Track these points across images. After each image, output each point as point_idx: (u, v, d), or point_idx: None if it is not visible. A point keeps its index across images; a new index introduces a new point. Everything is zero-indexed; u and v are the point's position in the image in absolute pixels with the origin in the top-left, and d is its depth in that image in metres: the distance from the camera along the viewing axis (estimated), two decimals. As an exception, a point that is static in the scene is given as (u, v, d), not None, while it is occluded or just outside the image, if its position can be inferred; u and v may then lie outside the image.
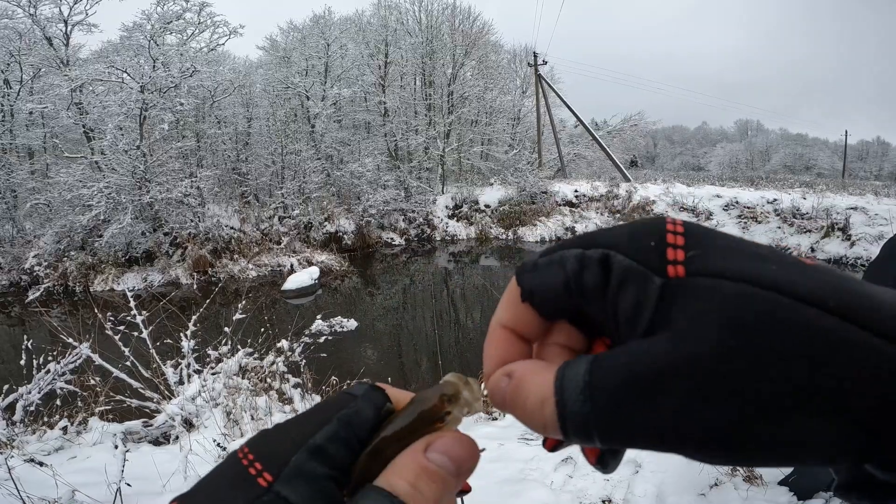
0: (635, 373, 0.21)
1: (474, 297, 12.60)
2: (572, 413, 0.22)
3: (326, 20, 20.76)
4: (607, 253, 0.23)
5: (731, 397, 0.19)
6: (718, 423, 0.19)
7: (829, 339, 0.18)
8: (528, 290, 0.26)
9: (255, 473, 0.24)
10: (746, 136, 68.21)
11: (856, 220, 15.20)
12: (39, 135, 15.61)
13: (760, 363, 0.19)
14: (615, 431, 0.21)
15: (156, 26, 14.69)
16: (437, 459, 0.25)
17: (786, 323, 0.19)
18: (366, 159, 18.41)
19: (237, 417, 3.91)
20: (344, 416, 0.27)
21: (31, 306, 10.81)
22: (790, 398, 0.18)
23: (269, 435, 0.27)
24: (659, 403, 0.20)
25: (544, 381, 0.23)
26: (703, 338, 0.20)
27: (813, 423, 0.18)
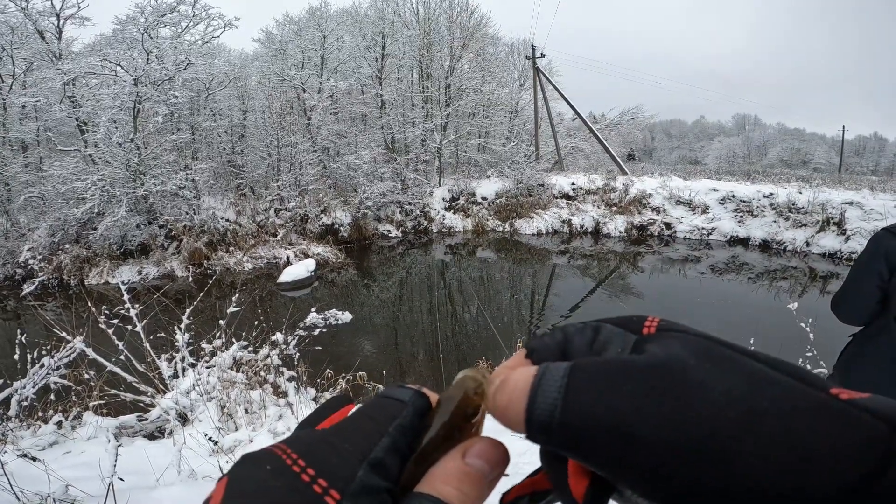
0: (608, 368, 0.25)
1: (471, 289, 12.61)
2: (544, 397, 0.25)
3: (323, 12, 20.60)
4: (599, 324, 0.30)
5: (681, 395, 0.23)
6: (671, 417, 0.23)
7: (761, 374, 0.23)
8: (531, 348, 0.31)
9: (322, 492, 0.24)
10: (744, 131, 68.15)
11: (851, 214, 15.26)
12: (32, 128, 15.47)
13: (710, 378, 0.23)
14: (580, 421, 0.24)
15: (149, 19, 14.53)
16: (475, 464, 0.27)
17: (729, 358, 0.24)
18: (362, 151, 18.33)
19: (231, 411, 3.91)
20: (399, 427, 0.28)
21: (25, 300, 10.78)
22: (724, 406, 0.22)
23: (320, 445, 0.27)
24: (626, 397, 0.23)
25: (530, 370, 0.27)
26: (668, 352, 0.25)
27: (743, 435, 0.22)
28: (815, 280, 13.13)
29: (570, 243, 17.19)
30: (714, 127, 75.93)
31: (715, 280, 13.12)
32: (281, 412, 3.95)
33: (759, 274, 13.64)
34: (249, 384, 4.25)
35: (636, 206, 18.48)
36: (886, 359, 1.84)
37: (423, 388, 0.31)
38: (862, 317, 1.99)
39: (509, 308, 11.17)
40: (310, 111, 18.14)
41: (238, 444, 3.45)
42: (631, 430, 0.23)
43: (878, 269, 1.89)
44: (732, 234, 16.74)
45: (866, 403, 0.22)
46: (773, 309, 9.90)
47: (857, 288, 1.97)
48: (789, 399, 0.22)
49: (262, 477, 0.25)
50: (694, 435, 0.22)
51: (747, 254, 15.57)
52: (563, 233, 18.30)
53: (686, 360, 0.24)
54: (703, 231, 17.19)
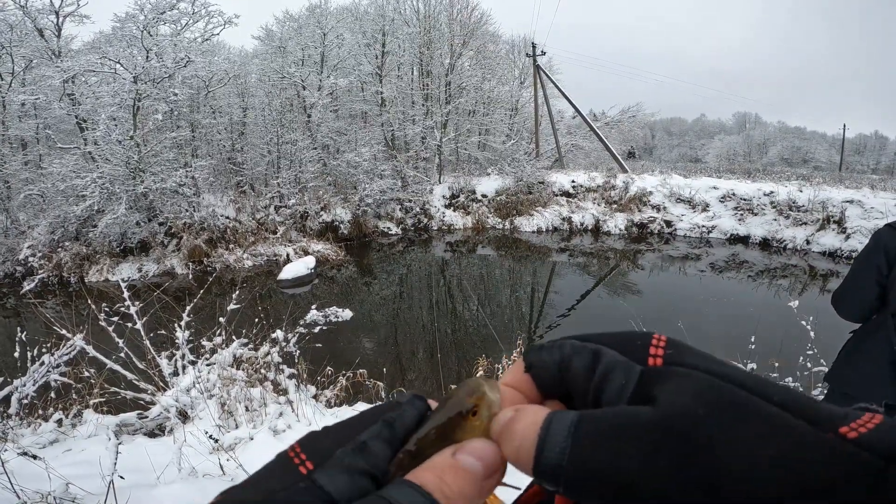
0: (618, 423, 0.24)
1: (471, 286, 12.62)
2: (551, 447, 0.25)
3: (323, 9, 20.54)
4: (599, 348, 0.29)
5: (693, 455, 0.22)
6: (680, 475, 0.22)
7: (773, 421, 0.23)
8: (529, 363, 0.31)
9: (299, 462, 0.26)
10: (744, 129, 68.05)
11: (851, 213, 15.25)
12: (32, 126, 15.45)
13: (726, 430, 0.23)
14: (587, 474, 0.24)
15: (149, 16, 14.50)
16: (464, 459, 0.27)
17: (741, 403, 0.24)
18: (362, 149, 18.31)
19: (232, 409, 3.92)
20: (388, 417, 0.29)
21: (25, 297, 10.77)
22: (740, 462, 0.22)
23: (318, 434, 0.29)
24: (636, 453, 0.23)
25: (539, 414, 0.26)
26: (677, 404, 0.24)
27: (752, 488, 0.22)
28: (816, 278, 13.14)
29: (570, 241, 17.19)
30: (714, 125, 75.83)
31: (715, 278, 13.12)
32: (281, 409, 3.95)
33: (760, 272, 13.64)
34: (250, 382, 4.25)
35: (636, 204, 18.47)
36: (884, 355, 1.84)
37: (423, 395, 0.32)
38: (862, 312, 1.99)
39: (509, 305, 11.18)
40: (310, 108, 18.11)
41: (238, 442, 3.46)
42: (635, 486, 0.23)
43: (877, 263, 1.89)
44: (733, 232, 16.74)
45: (870, 440, 0.21)
46: (773, 307, 9.90)
47: (857, 283, 1.98)
48: (798, 449, 0.22)
49: (269, 464, 0.28)
50: (700, 490, 0.22)
51: (747, 252, 15.57)
52: (564, 230, 18.29)
53: (694, 415, 0.24)
54: (703, 229, 17.19)
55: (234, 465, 3.01)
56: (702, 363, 0.26)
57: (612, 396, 0.27)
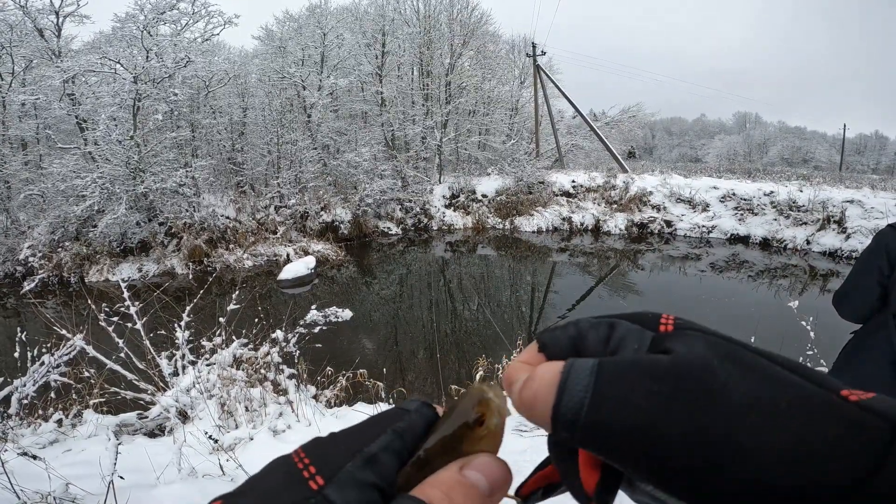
0: (636, 368, 0.25)
1: (471, 286, 12.61)
2: (571, 394, 0.25)
3: (323, 9, 20.55)
4: (615, 321, 0.30)
5: (709, 398, 0.23)
6: (696, 417, 0.23)
7: (779, 377, 0.24)
8: (543, 342, 0.31)
9: (308, 476, 0.26)
10: (745, 129, 67.99)
11: (852, 213, 15.24)
12: (32, 126, 15.45)
13: (732, 380, 0.24)
14: (607, 419, 0.24)
15: (149, 17, 14.50)
16: (472, 476, 0.27)
17: (749, 360, 0.25)
18: (362, 149, 18.31)
19: (232, 409, 3.92)
20: (398, 427, 0.29)
21: (25, 297, 10.77)
22: (746, 406, 0.23)
23: (323, 442, 0.28)
24: (654, 397, 0.24)
25: (556, 366, 0.27)
26: (694, 354, 0.25)
27: (764, 432, 0.23)
28: (816, 278, 13.13)
29: (570, 241, 17.18)
30: (715, 125, 75.79)
31: (715, 278, 13.11)
32: (281, 410, 3.95)
33: (760, 272, 13.63)
34: (250, 382, 4.25)
35: (636, 204, 18.47)
36: (884, 356, 1.83)
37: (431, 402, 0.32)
38: (863, 313, 1.99)
39: (509, 305, 11.17)
40: (310, 108, 18.11)
41: (238, 442, 3.46)
42: (657, 429, 0.23)
43: (878, 264, 1.88)
44: (733, 231, 16.73)
45: (871, 404, 0.22)
46: (773, 307, 9.90)
47: (858, 283, 1.97)
48: (804, 401, 0.23)
49: (271, 469, 0.27)
50: (718, 433, 0.23)
51: (747, 252, 15.56)
52: (564, 230, 18.29)
53: (710, 361, 0.25)
54: (703, 229, 17.18)
55: (234, 465, 3.01)
56: (711, 330, 0.27)
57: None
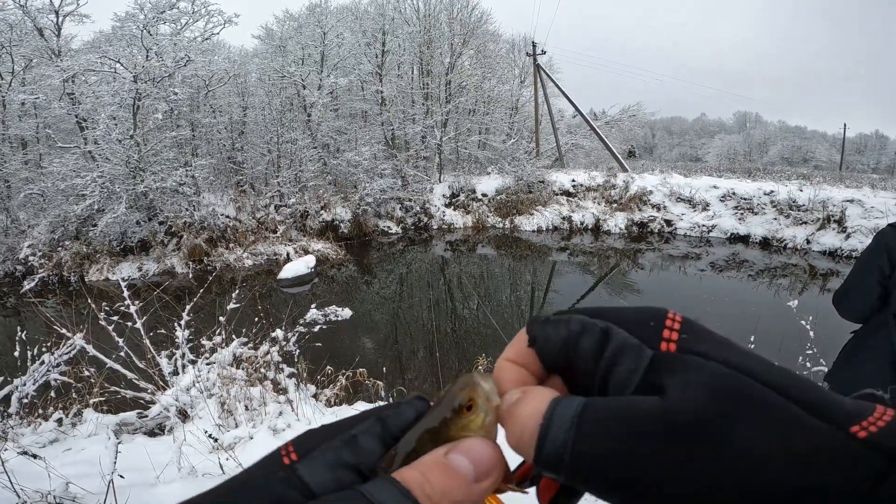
0: (623, 415, 0.24)
1: (471, 285, 12.62)
2: (553, 438, 0.24)
3: (323, 9, 20.54)
4: (609, 325, 0.27)
5: (705, 452, 0.22)
6: (685, 473, 0.22)
7: (786, 421, 0.22)
8: (534, 337, 0.30)
9: (285, 454, 0.26)
10: (745, 128, 67.93)
11: (852, 212, 15.23)
12: (32, 125, 15.45)
13: (736, 428, 0.22)
14: (589, 466, 0.23)
15: (149, 16, 14.49)
16: (455, 458, 0.26)
17: (756, 400, 0.23)
18: (362, 148, 18.30)
19: (231, 408, 3.92)
20: (382, 413, 0.29)
21: (25, 297, 10.78)
22: (747, 462, 0.21)
23: (313, 430, 0.28)
24: (639, 448, 0.23)
25: (544, 400, 0.26)
26: (688, 399, 0.23)
27: (758, 487, 0.21)
28: (815, 277, 13.13)
29: (570, 240, 17.18)
30: (715, 124, 75.75)
31: (715, 277, 13.12)
32: (281, 409, 3.95)
33: (760, 271, 13.63)
34: (249, 381, 4.25)
35: (636, 203, 18.46)
36: (884, 355, 1.83)
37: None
38: (863, 312, 1.98)
39: (509, 304, 11.17)
40: (310, 108, 18.10)
41: (238, 441, 3.46)
42: (637, 481, 0.22)
43: (879, 264, 1.88)
44: (733, 231, 16.72)
45: (880, 438, 0.21)
46: (773, 306, 9.90)
47: (859, 283, 1.97)
48: (809, 450, 0.21)
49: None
50: (703, 490, 0.22)
51: (747, 251, 15.56)
52: (564, 229, 18.28)
53: (703, 411, 0.23)
54: (703, 228, 17.18)
55: (234, 464, 3.01)
56: (717, 352, 0.25)
57: (619, 382, 0.26)
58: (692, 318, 0.27)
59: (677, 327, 0.26)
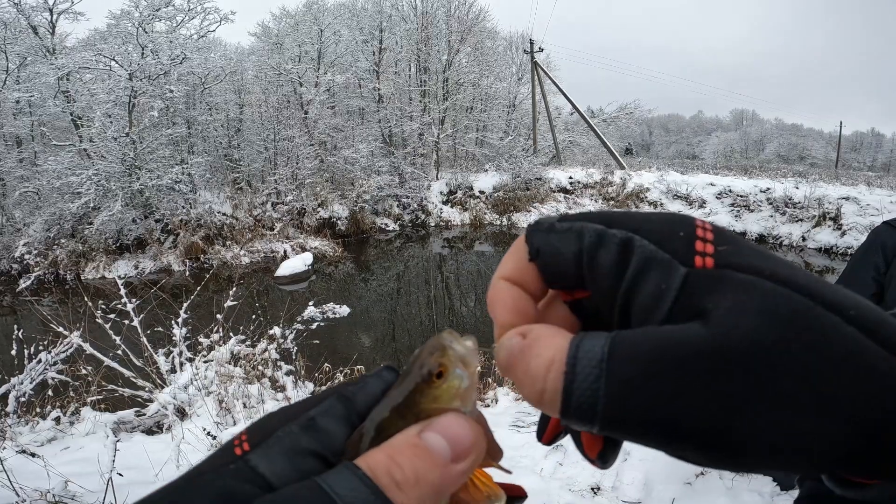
0: (662, 353, 0.20)
1: (468, 282, 12.63)
2: (581, 387, 0.21)
3: (320, 6, 20.48)
4: (631, 236, 0.22)
5: (765, 388, 0.19)
6: (746, 416, 0.19)
7: (848, 346, 0.19)
8: (537, 249, 0.25)
9: (237, 444, 0.23)
10: (741, 126, 68.16)
11: (847, 209, 15.28)
12: (27, 123, 15.38)
13: (794, 358, 0.19)
14: (627, 415, 0.20)
15: (144, 13, 14.43)
16: (429, 438, 0.22)
17: (817, 325, 0.19)
18: (360, 145, 18.29)
19: (229, 405, 3.92)
20: (346, 390, 0.25)
21: (21, 295, 10.75)
22: (811, 395, 0.19)
23: (269, 415, 0.25)
24: (686, 387, 0.19)
25: (557, 345, 0.22)
26: (740, 327, 0.19)
27: (823, 422, 0.19)
28: (811, 274, 13.17)
29: (567, 238, 17.18)
30: (712, 122, 75.92)
31: (711, 274, 13.14)
32: (279, 406, 3.95)
33: (756, 268, 13.67)
34: (247, 378, 4.25)
35: (633, 200, 18.50)
36: None
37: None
38: (858, 311, 1.99)
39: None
40: (306, 105, 18.06)
41: (236, 439, 3.46)
42: (687, 425, 0.19)
43: (874, 260, 1.89)
44: (729, 228, 16.63)
45: None
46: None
47: (854, 280, 1.98)
48: (871, 381, 0.19)
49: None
50: (765, 429, 0.19)
51: (744, 248, 15.59)
52: (561, 227, 18.28)
53: (761, 341, 0.19)
54: (700, 225, 17.19)
55: (233, 461, 3.01)
56: (764, 266, 0.21)
57: (646, 307, 0.22)
58: (724, 228, 0.23)
59: (710, 237, 0.22)
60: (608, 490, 2.92)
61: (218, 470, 0.22)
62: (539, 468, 3.13)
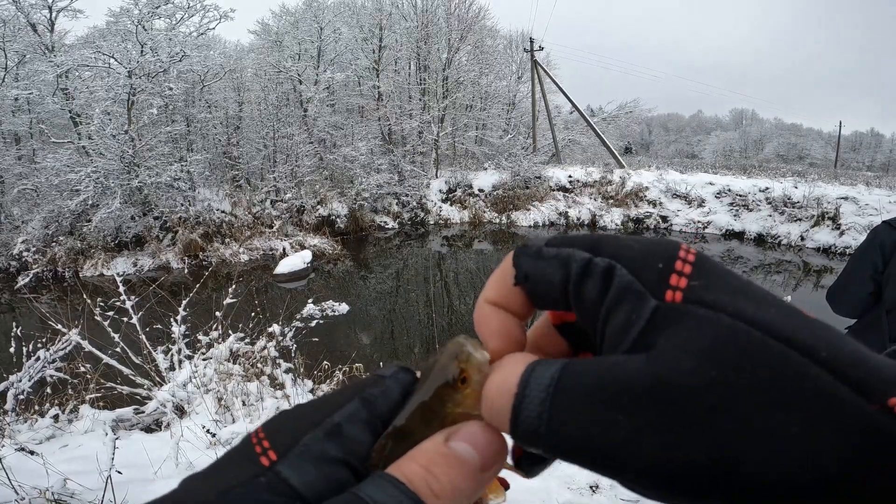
0: (602, 384, 0.20)
1: (467, 280, 12.63)
2: (528, 408, 0.21)
3: (320, 4, 20.42)
4: (613, 265, 0.22)
5: (692, 427, 0.18)
6: (672, 453, 0.19)
7: (809, 387, 0.18)
8: (524, 274, 0.25)
9: (261, 452, 0.22)
10: (741, 125, 68.18)
11: (846, 209, 15.30)
12: (25, 120, 15.35)
13: (738, 398, 0.18)
14: (566, 441, 0.20)
15: (144, 11, 14.38)
16: (457, 447, 0.23)
17: (771, 365, 0.18)
18: (359, 143, 18.27)
19: (228, 403, 3.92)
20: (368, 395, 0.25)
21: (20, 292, 10.72)
22: (760, 436, 0.18)
23: (286, 414, 0.25)
24: (619, 422, 0.19)
25: (515, 371, 0.22)
26: (680, 363, 0.19)
27: (768, 461, 0.18)
28: (810, 274, 13.20)
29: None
30: (711, 121, 75.92)
31: (710, 273, 13.15)
32: (278, 404, 3.96)
33: (754, 267, 13.70)
34: (246, 376, 4.25)
35: (633, 199, 18.50)
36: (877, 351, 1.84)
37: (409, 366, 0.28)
38: (856, 309, 2.00)
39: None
40: (306, 103, 18.04)
41: (235, 437, 3.46)
42: (620, 459, 0.19)
43: (872, 260, 1.89)
44: (728, 227, 16.79)
45: None
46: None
47: (852, 279, 1.98)
48: (832, 428, 0.17)
49: (230, 449, 0.24)
50: (695, 462, 0.18)
51: (742, 247, 15.63)
52: (560, 225, 18.32)
53: (701, 380, 0.19)
54: (699, 224, 17.23)
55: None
56: (731, 302, 0.20)
57: (616, 334, 0.22)
58: (709, 256, 0.23)
59: (688, 270, 0.21)
60: (607, 488, 2.93)
61: (249, 483, 0.21)
62: (538, 466, 3.12)
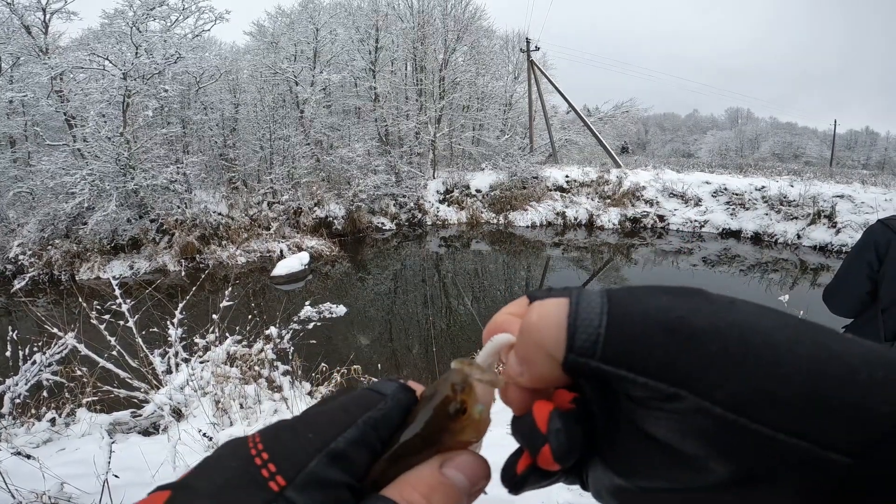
0: (650, 286, 0.25)
1: (465, 281, 12.63)
2: (585, 308, 0.24)
3: (315, 5, 20.38)
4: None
5: (724, 302, 0.24)
6: (723, 314, 0.22)
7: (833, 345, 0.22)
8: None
9: (268, 476, 0.23)
10: (737, 125, 68.37)
11: (842, 207, 15.36)
12: (20, 123, 15.24)
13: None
14: (628, 315, 0.23)
15: (138, 13, 14.33)
16: (452, 476, 0.25)
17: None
18: (356, 144, 18.25)
19: (226, 406, 3.91)
20: (370, 419, 0.26)
21: (16, 296, 10.68)
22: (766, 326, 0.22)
23: (284, 431, 0.25)
24: (670, 296, 0.24)
25: (557, 301, 0.25)
26: None
27: None
28: (806, 272, 13.24)
29: (563, 235, 17.22)
30: (707, 120, 76.11)
31: (707, 272, 13.20)
32: (276, 407, 3.95)
33: (751, 266, 13.73)
34: (244, 379, 4.24)
35: (630, 199, 18.53)
36: None
37: (409, 382, 0.29)
38: (852, 307, 2.00)
39: (504, 300, 11.18)
40: (302, 104, 18.01)
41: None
42: (687, 322, 0.22)
43: (868, 259, 1.90)
44: (724, 226, 16.83)
45: None
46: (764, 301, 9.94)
47: (848, 278, 1.99)
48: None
49: (223, 457, 0.24)
50: (748, 326, 0.21)
51: (739, 246, 15.67)
52: (557, 225, 18.33)
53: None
54: (695, 223, 17.27)
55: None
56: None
57: None
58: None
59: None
60: (605, 488, 2.92)
61: None
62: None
